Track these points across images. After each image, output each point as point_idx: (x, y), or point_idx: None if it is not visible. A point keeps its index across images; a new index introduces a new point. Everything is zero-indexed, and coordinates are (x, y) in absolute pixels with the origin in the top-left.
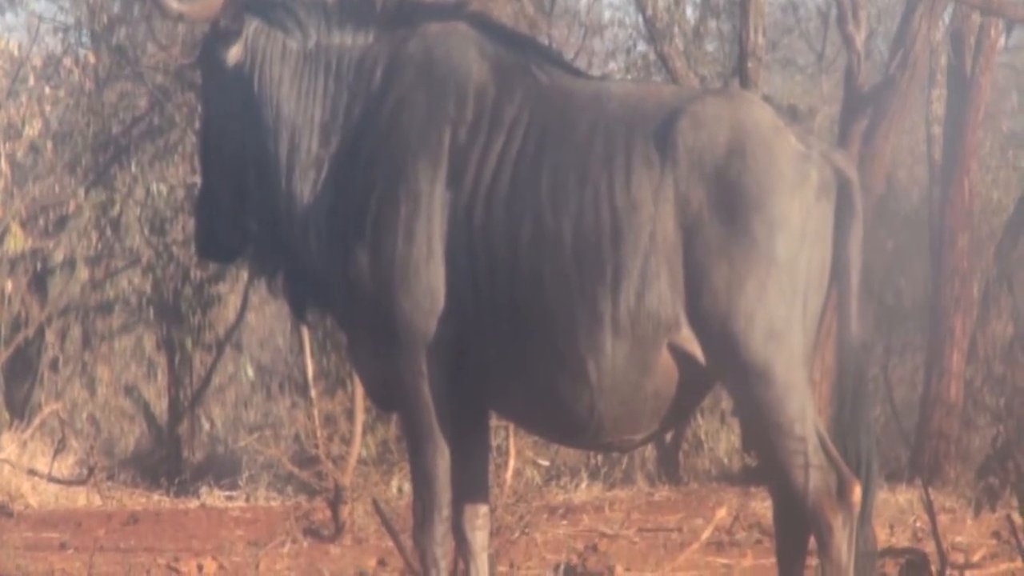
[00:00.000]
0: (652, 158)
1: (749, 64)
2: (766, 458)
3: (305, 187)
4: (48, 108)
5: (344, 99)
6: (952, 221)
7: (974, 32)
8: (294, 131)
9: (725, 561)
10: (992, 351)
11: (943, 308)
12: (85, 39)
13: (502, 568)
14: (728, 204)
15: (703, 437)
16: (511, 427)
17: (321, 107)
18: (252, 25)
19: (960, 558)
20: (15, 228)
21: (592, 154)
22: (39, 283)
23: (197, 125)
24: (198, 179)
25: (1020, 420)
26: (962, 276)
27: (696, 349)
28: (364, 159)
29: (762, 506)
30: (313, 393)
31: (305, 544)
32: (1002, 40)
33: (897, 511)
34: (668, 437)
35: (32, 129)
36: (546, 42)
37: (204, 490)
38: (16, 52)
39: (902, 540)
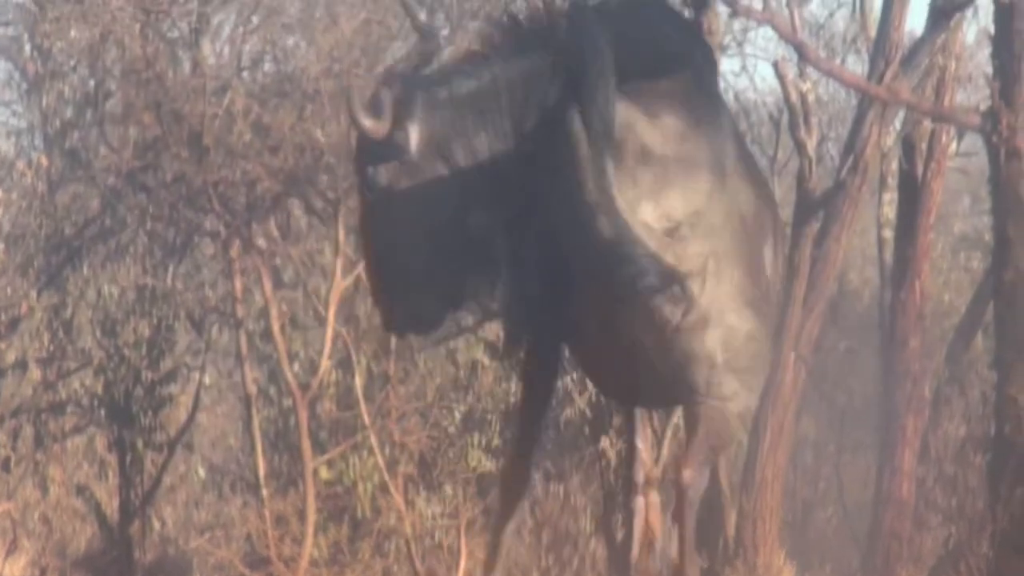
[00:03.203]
0: None
1: None
2: None
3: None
4: (0, 211)
5: (516, 116)
6: (904, 323)
7: (925, 138)
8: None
9: None
10: (944, 451)
11: (895, 408)
12: (38, 142)
13: None
14: None
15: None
16: (462, 527)
17: (503, 131)
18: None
19: None
20: None
21: None
22: None
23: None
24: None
25: (972, 521)
26: (914, 377)
27: None
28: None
29: None
30: (264, 493)
31: None
32: (953, 146)
33: None
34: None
35: None
36: None
37: None
38: None
39: None
